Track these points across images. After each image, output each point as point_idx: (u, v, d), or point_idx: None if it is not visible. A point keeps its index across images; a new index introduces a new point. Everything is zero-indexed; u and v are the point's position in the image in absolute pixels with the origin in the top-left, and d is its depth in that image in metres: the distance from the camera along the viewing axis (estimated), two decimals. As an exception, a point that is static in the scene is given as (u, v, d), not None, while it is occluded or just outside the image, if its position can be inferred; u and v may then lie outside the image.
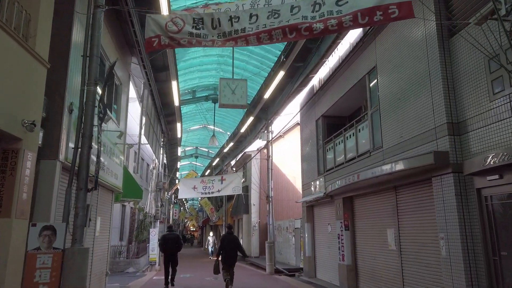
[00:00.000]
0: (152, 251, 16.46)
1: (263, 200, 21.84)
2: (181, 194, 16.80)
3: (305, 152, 14.39)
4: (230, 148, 21.81)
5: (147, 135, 12.92)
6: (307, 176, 13.99)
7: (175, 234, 11.29)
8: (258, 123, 17.24)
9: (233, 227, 11.61)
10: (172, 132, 18.84)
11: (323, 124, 12.60)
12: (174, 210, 41.54)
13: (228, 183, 15.98)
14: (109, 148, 9.02)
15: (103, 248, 9.56)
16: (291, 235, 16.79)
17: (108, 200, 9.86)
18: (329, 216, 12.08)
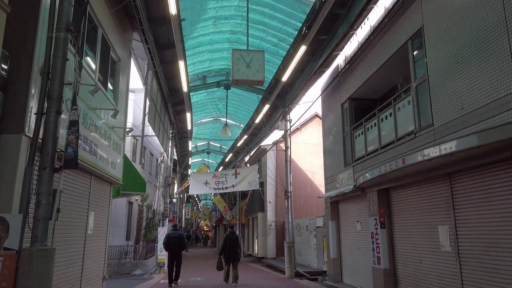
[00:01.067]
0: (161, 252, 15.18)
1: (279, 197, 20.38)
2: (192, 190, 15.47)
3: (328, 142, 12.88)
4: (243, 142, 20.39)
5: (153, 123, 11.62)
6: (331, 168, 12.48)
7: (179, 233, 11.37)
8: (275, 112, 15.78)
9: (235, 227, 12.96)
10: (181, 124, 17.53)
11: (350, 108, 11.07)
12: (187, 209, 40.40)
13: (242, 178, 14.58)
14: (104, 131, 7.70)
15: (99, 248, 8.25)
16: (311, 235, 15.29)
17: (105, 193, 8.54)
18: (358, 212, 10.55)
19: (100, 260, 8.37)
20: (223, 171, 15.52)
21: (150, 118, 11.26)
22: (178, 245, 10.79)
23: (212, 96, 15.68)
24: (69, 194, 6.42)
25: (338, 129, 11.82)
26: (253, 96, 15.61)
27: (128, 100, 9.91)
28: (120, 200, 15.69)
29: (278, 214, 20.21)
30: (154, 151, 18.64)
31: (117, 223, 15.49)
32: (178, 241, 10.80)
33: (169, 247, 10.80)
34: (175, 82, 13.02)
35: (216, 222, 37.78)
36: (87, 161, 6.71)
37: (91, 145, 6.90)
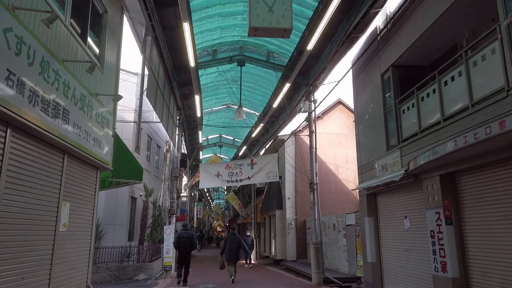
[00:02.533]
0: (167, 254, 13.31)
1: (300, 192, 18.34)
2: (202, 183, 13.56)
3: (363, 125, 10.82)
4: (259, 131, 18.37)
5: (154, 100, 9.76)
6: (367, 155, 10.41)
7: (189, 233, 11.22)
8: (296, 93, 13.76)
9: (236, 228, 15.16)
10: (190, 111, 15.65)
11: (393, 77, 8.99)
12: (199, 208, 38.63)
13: (260, 168, 12.60)
14: (81, 96, 5.83)
15: (79, 250, 6.37)
16: (340, 235, 13.21)
17: (87, 179, 6.67)
18: (407, 206, 8.48)
19: (81, 265, 6.49)
20: (237, 160, 13.57)
21: (151, 93, 9.38)
22: (189, 245, 10.78)
23: (223, 77, 13.77)
24: (25, 175, 4.55)
25: (377, 106, 9.75)
26: (270, 76, 13.61)
27: (119, 65, 8.04)
28: (121, 194, 13.92)
29: (298, 212, 18.17)
30: (160, 142, 16.80)
31: (117, 221, 13.71)
32: (189, 241, 10.79)
33: (179, 247, 10.80)
34: (180, 57, 11.15)
35: (230, 221, 35.89)
36: (51, 129, 4.83)
37: (58, 109, 5.01)
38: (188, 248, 10.78)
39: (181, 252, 10.79)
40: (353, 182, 18.82)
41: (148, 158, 16.89)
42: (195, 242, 11.10)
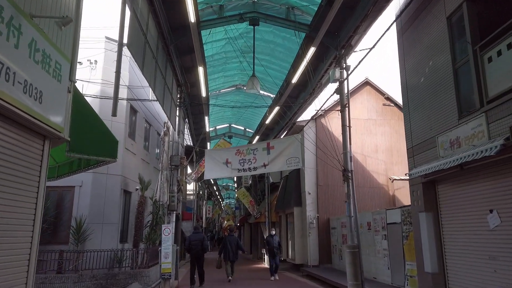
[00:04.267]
0: (166, 258, 10.96)
1: (322, 186, 15.84)
2: (208, 173, 11.17)
3: (415, 92, 8.29)
4: (274, 117, 15.92)
5: (141, 64, 7.40)
6: (423, 129, 7.91)
7: (200, 235, 11.15)
8: (321, 62, 11.29)
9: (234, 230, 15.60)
10: (194, 90, 13.29)
11: (470, 15, 6.44)
12: (208, 207, 36.34)
13: (278, 153, 10.15)
14: None
15: (7, 257, 4.00)
16: (378, 236, 10.68)
17: (21, 151, 4.30)
18: (493, 195, 5.97)
19: (14, 278, 4.13)
20: (250, 145, 11.13)
21: (136, 50, 7.04)
22: (200, 247, 10.78)
23: (232, 46, 11.39)
24: None
25: (440, 62, 7.22)
26: (289, 42, 11.17)
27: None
28: (111, 187, 11.63)
29: (320, 209, 15.66)
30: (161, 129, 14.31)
31: (106, 219, 11.41)
32: (200, 243, 10.80)
33: (191, 249, 10.85)
34: (177, 12, 8.81)
35: (241, 221, 33.50)
36: None
37: None
38: (199, 251, 10.76)
39: (193, 255, 10.82)
40: (383, 174, 16.26)
41: (146, 147, 14.59)
42: (206, 244, 11.09)
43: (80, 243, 10.57)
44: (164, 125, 11.13)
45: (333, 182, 15.90)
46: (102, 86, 11.77)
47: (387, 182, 16.18)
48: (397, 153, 16.56)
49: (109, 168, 11.67)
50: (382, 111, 16.87)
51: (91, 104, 12.11)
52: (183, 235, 22.88)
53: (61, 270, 10.34)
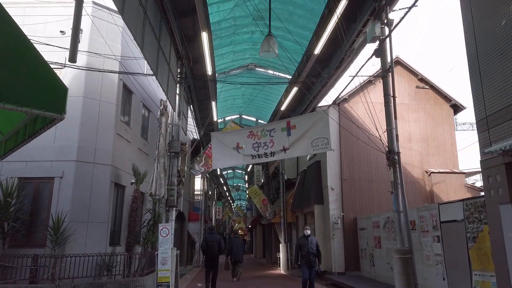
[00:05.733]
0: (163, 265, 9.00)
1: (347, 181, 13.72)
2: (215, 162, 9.16)
3: (489, 45, 6.14)
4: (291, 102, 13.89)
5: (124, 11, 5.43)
6: (503, 93, 5.74)
7: (217, 237, 10.77)
8: (353, 24, 9.20)
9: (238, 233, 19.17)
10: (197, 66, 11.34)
11: None
12: (217, 208, 34.37)
13: (301, 134, 8.07)
14: None
15: None
16: (427, 237, 8.52)
17: None
18: None
19: None
20: (266, 125, 9.03)
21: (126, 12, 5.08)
22: (216, 249, 10.54)
23: (243, 9, 9.43)
24: None
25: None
26: (312, 1, 9.17)
27: None
28: (98, 179, 9.72)
29: (346, 207, 13.52)
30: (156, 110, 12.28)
31: (93, 217, 9.48)
32: (216, 244, 10.56)
33: (207, 251, 10.60)
34: None
35: (252, 223, 31.41)
36: None
37: None
38: (215, 252, 10.53)
39: (208, 256, 10.60)
40: (418, 167, 14.05)
41: (144, 136, 12.66)
42: (223, 245, 10.93)
43: (58, 246, 8.65)
44: (161, 103, 9.17)
45: (360, 175, 13.78)
46: (88, 58, 9.89)
47: (423, 176, 13.97)
48: (434, 143, 14.35)
49: (97, 156, 9.76)
50: (416, 95, 14.69)
51: (76, 78, 10.30)
52: (190, 238, 20.96)
53: (35, 279, 8.43)
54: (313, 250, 8.79)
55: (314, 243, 8.93)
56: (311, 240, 8.96)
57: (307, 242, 8.85)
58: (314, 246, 8.87)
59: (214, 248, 10.59)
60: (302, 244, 8.91)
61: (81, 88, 9.84)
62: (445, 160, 14.24)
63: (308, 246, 8.78)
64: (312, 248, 8.79)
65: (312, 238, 9.05)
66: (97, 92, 10.05)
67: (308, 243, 8.84)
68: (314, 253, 8.79)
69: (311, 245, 8.84)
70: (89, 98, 9.89)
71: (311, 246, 8.82)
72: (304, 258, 8.75)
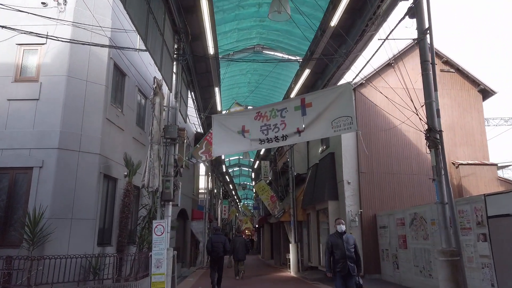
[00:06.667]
0: (158, 268, 7.78)
1: (365, 174, 12.41)
2: (217, 148, 7.86)
3: None
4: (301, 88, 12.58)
5: None
6: None
7: (222, 237, 10.81)
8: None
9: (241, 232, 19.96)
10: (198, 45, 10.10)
11: None
12: (223, 207, 33.15)
13: (319, 112, 6.77)
14: None
15: None
16: (471, 235, 7.17)
17: None
18: None
19: None
20: (276, 104, 7.66)
21: None
22: (221, 249, 10.44)
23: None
24: None
25: None
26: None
27: None
28: (84, 170, 8.51)
29: (364, 203, 12.19)
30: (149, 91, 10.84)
31: (77, 213, 8.27)
32: (222, 245, 10.48)
33: (212, 252, 10.41)
34: None
35: (260, 222, 30.14)
36: None
37: None
38: (221, 253, 10.45)
39: (214, 257, 10.47)
40: (444, 159, 12.60)
41: (140, 125, 11.44)
42: (229, 246, 11.01)
43: (35, 246, 7.45)
44: (154, 81, 7.92)
45: (379, 168, 12.45)
46: (74, 32, 8.70)
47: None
48: (461, 131, 12.95)
49: (82, 144, 8.55)
50: (440, 79, 13.28)
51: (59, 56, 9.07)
52: (194, 238, 19.76)
53: (8, 285, 7.24)
54: (350, 253, 6.34)
55: (351, 243, 6.46)
56: (347, 238, 6.51)
57: (342, 242, 6.42)
58: (352, 247, 6.42)
59: (220, 249, 10.42)
60: (335, 244, 6.46)
61: (64, 66, 8.63)
62: (474, 151, 12.84)
63: (344, 247, 6.35)
64: (349, 250, 6.34)
65: (348, 236, 6.63)
66: (83, 71, 8.84)
67: (343, 242, 6.41)
68: (353, 257, 6.34)
69: (348, 245, 6.38)
70: (74, 77, 8.68)
71: (348, 247, 6.37)
72: (337, 264, 6.32)
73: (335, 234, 6.69)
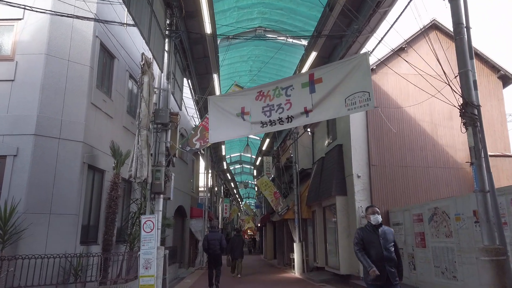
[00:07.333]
0: (146, 269, 6.87)
1: (377, 167, 11.47)
2: (213, 133, 6.92)
3: None
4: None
5: None
6: None
7: (218, 235, 10.72)
8: None
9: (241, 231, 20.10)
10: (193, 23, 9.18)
11: None
12: (224, 206, 32.23)
13: (331, 89, 5.84)
14: None
15: None
16: (509, 231, 6.19)
17: None
18: None
19: None
20: (280, 81, 6.69)
21: None
22: (218, 247, 10.31)
23: None
24: None
25: None
26: None
27: None
28: (64, 159, 7.59)
29: (375, 197, 11.22)
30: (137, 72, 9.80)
31: (57, 207, 7.36)
32: (218, 242, 10.34)
33: (209, 249, 10.34)
34: None
35: (262, 220, 29.20)
36: None
37: None
38: (217, 250, 10.35)
39: (210, 254, 10.38)
40: (462, 150, 11.72)
41: (132, 113, 10.52)
42: (225, 244, 10.78)
43: (7, 244, 6.54)
44: (142, 58, 7.00)
45: (392, 160, 11.50)
46: (54, 3, 7.80)
47: (468, 160, 11.58)
48: (480, 121, 11.95)
49: (63, 130, 7.64)
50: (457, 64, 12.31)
51: (37, 32, 8.10)
52: (193, 237, 18.85)
53: (-25, 289, 6.35)
54: (390, 253, 4.63)
55: (391, 240, 4.74)
56: (383, 233, 4.77)
57: (377, 238, 4.69)
58: (392, 245, 4.72)
59: (216, 246, 10.31)
60: (367, 240, 4.72)
61: (43, 43, 7.72)
62: (494, 142, 11.86)
63: (381, 245, 4.63)
64: (388, 250, 4.63)
65: (385, 229, 4.85)
66: (64, 49, 7.93)
67: (379, 239, 4.68)
68: (393, 259, 4.64)
69: (386, 243, 4.67)
70: (53, 56, 7.77)
71: (386, 245, 4.66)
72: (373, 264, 4.57)
73: (367, 227, 4.90)
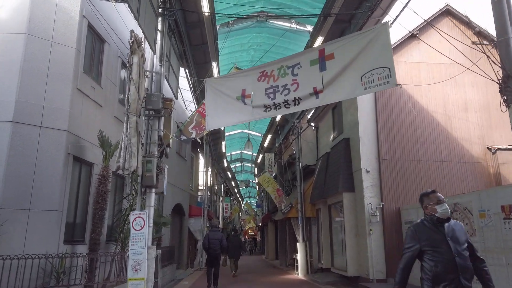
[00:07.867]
0: (136, 272, 6.14)
1: (387, 161, 10.73)
2: (211, 120, 6.19)
3: None
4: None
5: None
6: None
7: (219, 234, 10.79)
8: None
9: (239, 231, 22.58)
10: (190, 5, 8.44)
11: None
12: (225, 205, 31.47)
13: (344, 65, 5.10)
14: None
15: None
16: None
17: None
18: None
19: None
20: (286, 59, 5.96)
21: None
22: (218, 246, 10.31)
23: None
24: None
25: None
26: None
27: None
28: (45, 148, 6.85)
29: (386, 194, 10.47)
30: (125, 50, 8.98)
31: (37, 203, 6.62)
32: (218, 242, 10.36)
33: (209, 249, 10.26)
34: None
35: (263, 220, 28.44)
36: None
37: None
38: (218, 250, 10.30)
39: (210, 254, 10.22)
40: (478, 143, 10.97)
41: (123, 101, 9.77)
42: (225, 243, 10.77)
43: (-23, 244, 5.81)
44: (131, 35, 6.26)
45: (403, 154, 10.75)
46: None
47: (484, 154, 10.85)
48: (497, 113, 11.16)
49: (45, 118, 6.91)
50: (472, 53, 11.55)
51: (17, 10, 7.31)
52: (191, 236, 18.13)
53: None
54: (464, 259, 2.91)
55: (463, 240, 3.01)
56: (451, 230, 3.04)
57: (443, 238, 3.00)
58: (465, 248, 3.00)
59: (216, 246, 10.27)
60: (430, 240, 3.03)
61: (23, 22, 7.00)
62: (513, 134, 11.11)
63: (451, 247, 2.94)
64: (461, 255, 2.92)
65: (454, 225, 3.08)
66: (47, 29, 7.21)
67: (445, 238, 2.98)
68: (469, 268, 2.92)
69: (458, 244, 2.97)
70: (34, 36, 7.04)
71: (458, 246, 2.96)
72: (441, 283, 2.90)
73: (425, 222, 3.14)
